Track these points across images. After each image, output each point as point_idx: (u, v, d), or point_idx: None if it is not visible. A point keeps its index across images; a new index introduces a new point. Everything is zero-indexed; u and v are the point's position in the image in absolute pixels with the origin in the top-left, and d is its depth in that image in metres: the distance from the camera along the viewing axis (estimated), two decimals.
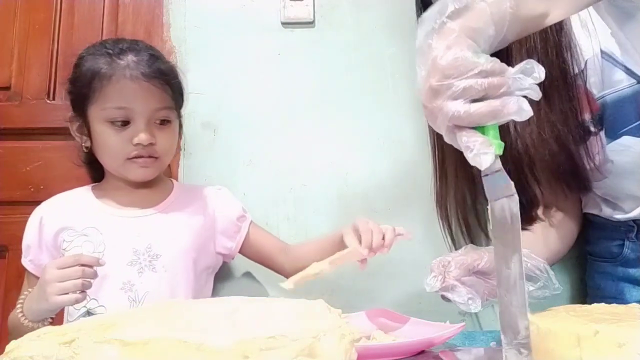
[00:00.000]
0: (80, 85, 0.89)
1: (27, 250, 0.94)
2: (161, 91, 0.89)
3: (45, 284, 0.75)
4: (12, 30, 1.26)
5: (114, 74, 0.86)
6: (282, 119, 1.21)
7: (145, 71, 0.88)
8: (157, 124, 0.90)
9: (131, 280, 0.87)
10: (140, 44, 0.93)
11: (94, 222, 0.91)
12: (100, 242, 0.89)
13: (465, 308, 0.68)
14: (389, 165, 1.21)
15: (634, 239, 0.88)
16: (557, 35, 0.82)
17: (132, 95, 0.87)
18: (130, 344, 0.38)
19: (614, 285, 0.92)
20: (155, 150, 0.90)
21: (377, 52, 1.23)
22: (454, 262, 0.71)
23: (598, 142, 0.83)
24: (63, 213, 0.93)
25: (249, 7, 1.24)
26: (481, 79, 0.48)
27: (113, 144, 0.88)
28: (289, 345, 0.37)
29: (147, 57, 0.89)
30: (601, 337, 0.42)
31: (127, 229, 0.91)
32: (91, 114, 0.89)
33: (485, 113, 0.48)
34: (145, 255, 0.89)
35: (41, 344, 0.39)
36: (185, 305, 0.54)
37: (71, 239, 0.90)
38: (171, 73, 0.93)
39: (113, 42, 0.92)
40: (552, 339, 0.46)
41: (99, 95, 0.87)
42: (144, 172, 0.91)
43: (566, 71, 0.82)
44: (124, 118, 0.87)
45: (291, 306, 0.50)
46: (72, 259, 0.77)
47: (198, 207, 0.98)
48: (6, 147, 1.23)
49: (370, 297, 1.12)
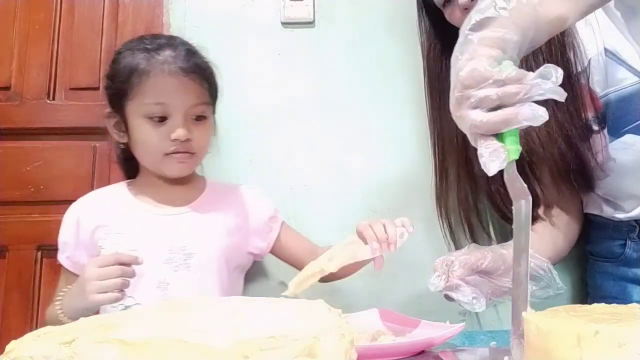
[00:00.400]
0: (118, 81, 0.89)
1: (64, 247, 0.94)
2: (198, 86, 0.89)
3: (85, 282, 0.76)
4: (12, 30, 1.26)
5: (152, 69, 0.86)
6: (282, 119, 1.21)
7: (183, 66, 0.87)
8: (194, 119, 0.90)
9: (166, 279, 0.88)
10: (177, 39, 0.93)
11: (130, 219, 0.91)
12: (136, 240, 0.89)
13: (470, 308, 0.68)
14: (389, 165, 1.21)
15: (636, 239, 0.88)
16: (561, 34, 0.82)
17: (170, 90, 0.86)
18: (130, 344, 0.38)
19: (615, 285, 0.92)
20: (191, 146, 0.89)
21: (377, 52, 1.23)
22: (458, 261, 0.71)
23: (601, 141, 0.83)
24: (99, 210, 0.93)
25: (249, 7, 1.24)
26: (496, 88, 0.50)
27: (151, 139, 0.88)
28: (289, 345, 0.37)
29: (184, 53, 0.89)
30: (601, 337, 0.42)
31: (162, 227, 0.91)
32: (129, 110, 0.89)
33: (500, 121, 0.50)
34: (180, 254, 0.89)
35: (41, 344, 0.39)
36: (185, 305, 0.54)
37: (107, 237, 0.90)
38: (208, 68, 0.93)
39: (151, 38, 0.92)
40: (552, 339, 0.46)
41: (137, 91, 0.87)
42: (180, 167, 0.91)
43: (570, 70, 0.83)
44: (162, 114, 0.87)
45: (291, 306, 0.50)
46: (111, 258, 0.78)
47: (231, 206, 0.97)
48: (6, 147, 1.23)
49: (371, 297, 1.12)
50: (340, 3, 1.25)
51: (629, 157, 0.81)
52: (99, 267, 0.76)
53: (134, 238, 0.89)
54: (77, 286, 0.80)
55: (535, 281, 0.71)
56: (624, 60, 0.79)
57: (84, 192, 1.22)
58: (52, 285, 1.20)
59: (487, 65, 0.51)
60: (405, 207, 1.17)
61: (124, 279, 0.76)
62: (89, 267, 0.77)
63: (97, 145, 1.24)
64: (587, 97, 0.83)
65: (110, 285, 0.75)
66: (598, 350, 0.42)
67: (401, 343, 0.66)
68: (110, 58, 1.26)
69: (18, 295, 1.18)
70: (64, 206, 1.21)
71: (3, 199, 1.21)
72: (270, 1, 1.24)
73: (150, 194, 0.94)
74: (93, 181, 1.23)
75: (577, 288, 1.10)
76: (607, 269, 0.93)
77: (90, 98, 1.25)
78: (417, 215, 1.13)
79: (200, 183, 1.00)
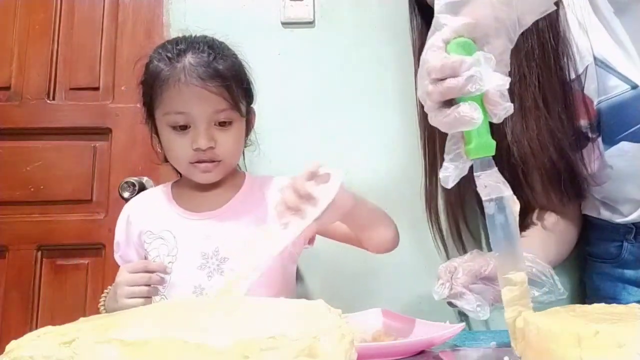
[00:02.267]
0: (146, 88, 0.89)
1: (117, 246, 0.94)
2: (220, 92, 0.86)
3: (117, 285, 0.80)
4: (12, 30, 1.26)
5: (170, 78, 0.84)
6: (282, 119, 1.21)
7: (201, 74, 0.84)
8: (218, 126, 0.87)
9: (201, 284, 0.86)
10: (201, 41, 0.89)
11: (169, 225, 0.91)
12: (174, 246, 0.89)
13: (474, 315, 0.68)
14: (388, 165, 1.21)
15: (633, 241, 0.88)
16: (555, 41, 0.82)
17: (188, 100, 0.84)
18: (130, 344, 0.38)
19: (613, 286, 0.92)
20: (216, 154, 0.87)
21: (377, 52, 1.23)
22: (462, 268, 0.71)
23: (596, 149, 0.83)
24: (144, 214, 0.93)
25: (249, 7, 1.24)
26: (437, 83, 0.52)
27: (175, 148, 0.88)
28: (289, 345, 0.37)
29: (205, 58, 0.86)
30: (601, 337, 0.42)
31: (196, 231, 0.89)
32: (157, 118, 0.89)
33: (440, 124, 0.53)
34: (214, 259, 0.88)
35: (41, 344, 0.39)
36: (185, 305, 0.54)
37: (150, 241, 0.90)
38: (230, 72, 0.89)
39: (174, 42, 0.89)
40: (552, 339, 0.46)
41: (161, 100, 0.86)
42: (206, 176, 0.90)
43: (564, 78, 0.82)
44: (184, 122, 0.86)
45: (291, 306, 0.50)
46: (141, 265, 0.82)
47: (266, 204, 0.93)
48: (6, 147, 1.23)
49: (371, 298, 1.12)
50: (340, 3, 1.25)
51: (624, 164, 0.81)
52: (129, 273, 0.80)
53: (171, 244, 0.89)
54: (113, 287, 0.83)
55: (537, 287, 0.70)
56: (614, 68, 0.79)
57: (84, 192, 1.23)
58: (52, 285, 1.20)
59: (438, 53, 0.52)
60: (406, 207, 1.17)
61: (150, 286, 0.79)
62: (122, 272, 0.81)
63: (97, 145, 1.24)
64: (581, 105, 0.83)
65: (137, 292, 0.78)
66: (598, 350, 0.42)
67: (401, 343, 0.66)
68: (110, 58, 1.28)
69: (18, 295, 1.19)
70: (64, 206, 1.23)
71: (3, 199, 1.21)
72: (270, 1, 1.24)
73: (188, 197, 0.94)
74: (93, 181, 1.24)
75: (576, 288, 1.09)
76: (604, 270, 0.93)
77: (90, 98, 1.25)
78: (416, 215, 1.14)
79: (238, 181, 0.96)
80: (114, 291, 0.82)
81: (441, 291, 0.70)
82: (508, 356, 0.54)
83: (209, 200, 0.92)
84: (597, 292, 0.95)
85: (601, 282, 0.94)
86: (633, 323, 0.45)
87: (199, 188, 0.93)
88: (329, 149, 1.20)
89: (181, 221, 0.91)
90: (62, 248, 1.21)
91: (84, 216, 1.22)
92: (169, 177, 1.20)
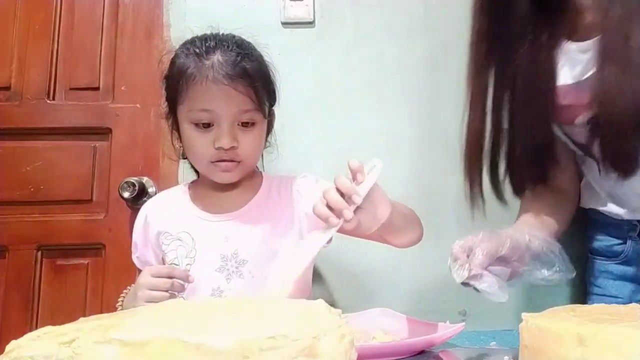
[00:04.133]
0: (171, 84, 0.88)
1: (135, 247, 0.93)
2: (246, 93, 0.85)
3: (137, 287, 0.79)
4: (12, 30, 1.26)
5: (198, 75, 0.83)
6: (282, 119, 1.21)
7: (229, 73, 0.83)
8: (241, 126, 0.86)
9: (220, 287, 0.86)
10: (229, 40, 0.88)
11: (187, 226, 0.90)
12: (192, 248, 0.88)
13: (496, 298, 0.68)
14: (388, 165, 1.20)
15: (637, 238, 0.88)
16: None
17: (214, 98, 0.83)
18: (130, 344, 0.38)
19: (615, 284, 0.92)
20: (237, 154, 0.86)
21: (377, 52, 1.23)
22: (479, 249, 0.70)
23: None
24: (162, 215, 0.93)
25: (249, 7, 1.24)
26: None
27: (197, 146, 0.86)
28: (289, 345, 0.37)
29: (233, 57, 0.85)
30: (601, 337, 0.42)
31: (215, 233, 0.89)
32: (180, 114, 0.87)
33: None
34: (232, 262, 0.87)
35: (41, 344, 0.39)
36: (185, 305, 0.54)
37: (168, 242, 0.90)
38: (258, 73, 0.88)
39: (203, 39, 0.88)
40: (552, 339, 0.46)
41: (186, 96, 0.85)
42: (226, 176, 0.88)
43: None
44: (208, 120, 0.84)
45: (291, 306, 0.50)
46: (165, 270, 0.80)
47: (284, 205, 0.92)
48: (6, 147, 1.23)
49: (370, 297, 1.12)
50: (340, 3, 1.25)
51: None
52: (152, 276, 0.79)
53: (190, 246, 0.88)
54: (133, 289, 0.82)
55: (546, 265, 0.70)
56: None
57: (84, 192, 1.23)
58: (52, 285, 1.20)
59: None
60: None
61: (171, 292, 0.78)
62: (144, 274, 0.80)
63: (97, 145, 1.24)
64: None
65: (157, 297, 0.77)
66: (598, 350, 0.42)
67: (401, 343, 0.66)
68: (110, 58, 1.28)
69: (18, 295, 1.19)
70: (64, 206, 1.23)
71: (3, 199, 1.21)
72: (270, 1, 1.24)
73: (205, 197, 0.93)
74: (93, 181, 1.23)
75: (576, 288, 1.10)
76: (607, 268, 0.93)
77: (90, 98, 1.25)
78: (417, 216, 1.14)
79: (256, 182, 0.95)
80: (133, 292, 0.81)
81: (461, 273, 0.69)
82: (508, 356, 0.54)
83: (227, 202, 0.91)
84: (600, 289, 0.95)
85: (604, 279, 0.94)
86: (633, 323, 0.45)
87: (217, 189, 0.92)
88: (328, 149, 1.20)
89: (199, 222, 0.90)
90: (62, 248, 1.21)
91: (84, 216, 1.22)
92: (169, 178, 1.21)
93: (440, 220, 1.17)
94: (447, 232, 1.18)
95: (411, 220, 0.86)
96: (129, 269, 1.01)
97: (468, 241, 0.73)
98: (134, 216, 0.98)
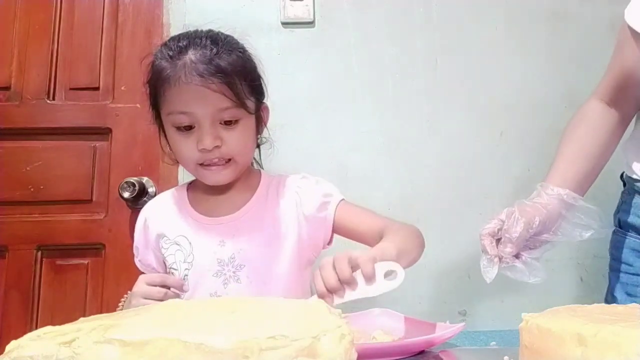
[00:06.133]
0: (150, 87, 0.85)
1: (136, 251, 0.93)
2: (223, 90, 0.80)
3: (132, 295, 0.78)
4: (12, 30, 1.26)
5: (172, 76, 0.80)
6: (282, 119, 1.21)
7: (201, 72, 0.79)
8: (224, 124, 0.82)
9: (217, 292, 0.85)
10: (204, 36, 0.84)
11: (184, 230, 0.88)
12: (190, 252, 0.86)
13: (534, 281, 0.67)
14: (388, 165, 1.21)
15: None
16: None
17: (189, 99, 0.80)
18: (130, 344, 0.38)
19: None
20: (223, 152, 0.82)
21: (377, 52, 1.24)
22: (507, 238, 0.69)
23: None
24: (160, 218, 0.91)
25: (249, 7, 1.24)
26: None
27: (182, 149, 0.83)
28: (289, 345, 0.37)
29: (206, 54, 0.81)
30: (601, 337, 0.42)
31: (212, 237, 0.86)
32: (163, 118, 0.85)
33: None
34: (229, 266, 0.85)
35: (41, 344, 0.39)
36: (185, 305, 0.54)
37: (167, 247, 0.88)
38: (234, 67, 0.82)
39: (176, 39, 0.84)
40: (552, 339, 0.46)
41: (164, 100, 0.82)
42: (217, 177, 0.85)
43: None
44: (188, 123, 0.81)
45: (291, 306, 0.50)
46: (159, 279, 0.79)
47: (283, 207, 0.89)
48: (6, 147, 1.23)
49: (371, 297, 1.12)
50: (340, 3, 1.25)
51: None
52: (146, 284, 0.78)
53: (187, 250, 0.87)
54: (129, 296, 0.80)
55: (584, 228, 0.69)
56: None
57: (84, 192, 1.23)
58: (52, 285, 1.20)
59: None
60: (405, 207, 1.18)
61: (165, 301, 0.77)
62: (139, 282, 0.78)
63: (97, 145, 1.25)
64: None
65: None
66: (598, 350, 0.42)
67: (401, 343, 0.66)
68: (110, 58, 1.28)
69: (18, 295, 1.19)
70: (64, 206, 1.23)
71: (3, 199, 1.21)
72: (270, 1, 1.24)
73: (203, 199, 0.90)
74: (93, 181, 1.24)
75: (576, 288, 1.10)
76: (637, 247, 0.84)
77: (90, 98, 1.25)
78: (416, 215, 1.14)
79: (254, 181, 0.92)
80: (129, 299, 0.80)
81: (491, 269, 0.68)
82: (508, 356, 0.54)
83: (224, 203, 0.89)
84: (628, 267, 0.85)
85: (634, 258, 0.85)
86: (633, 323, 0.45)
87: (213, 191, 0.89)
88: (328, 149, 1.20)
89: (197, 226, 0.88)
90: (62, 248, 1.21)
91: (84, 216, 1.22)
92: (169, 178, 1.21)
93: (440, 220, 1.17)
94: (447, 232, 1.18)
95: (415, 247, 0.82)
96: (128, 269, 1.01)
97: (495, 224, 0.71)
98: (134, 216, 0.97)
